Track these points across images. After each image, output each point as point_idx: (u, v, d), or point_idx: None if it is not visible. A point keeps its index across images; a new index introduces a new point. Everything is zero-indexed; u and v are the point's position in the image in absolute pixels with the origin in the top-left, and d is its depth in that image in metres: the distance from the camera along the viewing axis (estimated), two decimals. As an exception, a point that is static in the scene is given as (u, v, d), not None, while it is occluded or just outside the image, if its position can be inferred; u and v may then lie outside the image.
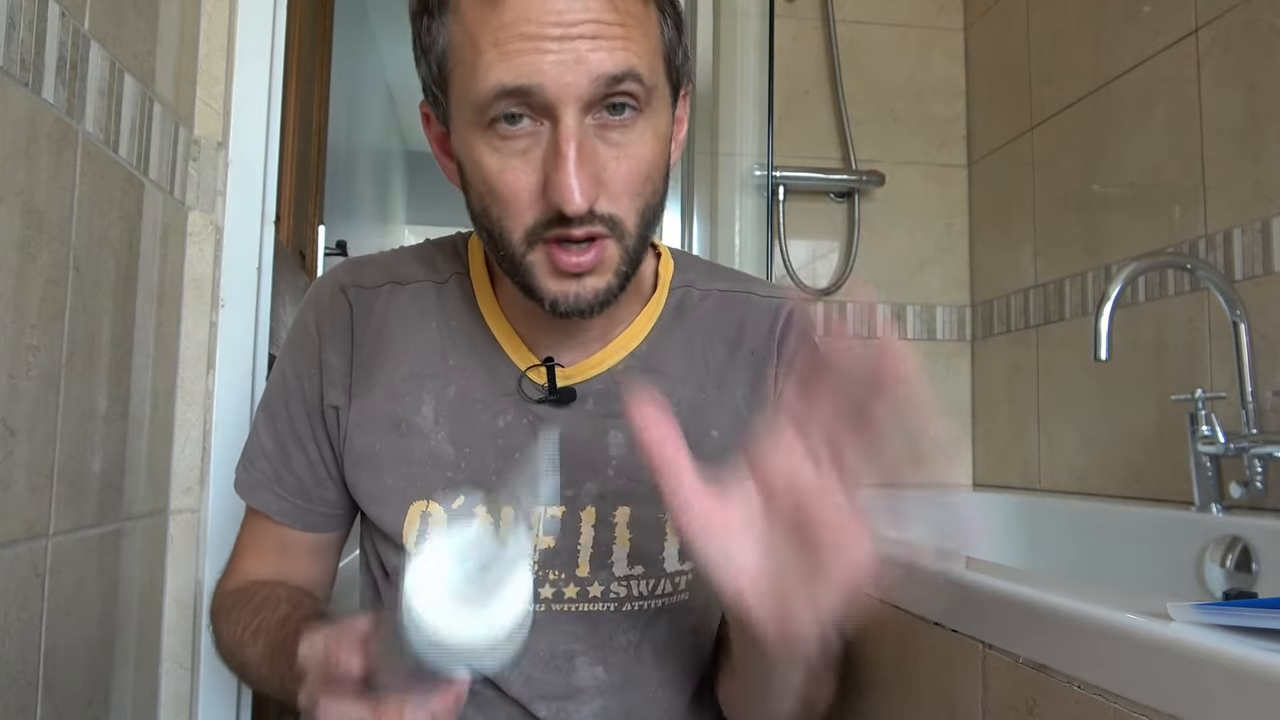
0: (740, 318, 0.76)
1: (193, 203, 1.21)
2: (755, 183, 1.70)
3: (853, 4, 1.96)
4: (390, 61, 4.19)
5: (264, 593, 0.75)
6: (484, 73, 0.58)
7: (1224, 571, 1.05)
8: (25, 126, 0.79)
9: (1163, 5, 1.42)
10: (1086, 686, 0.48)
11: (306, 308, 0.77)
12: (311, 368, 0.75)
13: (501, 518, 0.71)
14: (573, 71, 0.57)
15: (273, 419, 0.77)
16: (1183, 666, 0.42)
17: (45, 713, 0.86)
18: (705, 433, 0.73)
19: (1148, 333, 1.41)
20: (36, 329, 0.83)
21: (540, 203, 0.61)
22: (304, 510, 0.77)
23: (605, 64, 0.58)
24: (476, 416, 0.72)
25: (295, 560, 0.80)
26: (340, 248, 2.30)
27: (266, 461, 0.77)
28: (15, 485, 0.80)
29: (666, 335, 0.75)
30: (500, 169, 0.61)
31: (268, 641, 0.69)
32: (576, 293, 0.63)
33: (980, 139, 1.94)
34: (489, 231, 0.64)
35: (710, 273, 0.81)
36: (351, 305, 0.75)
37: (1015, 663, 0.54)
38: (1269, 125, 1.22)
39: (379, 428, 0.73)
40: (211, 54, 1.23)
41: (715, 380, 0.75)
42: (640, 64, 0.60)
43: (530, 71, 0.57)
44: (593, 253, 0.62)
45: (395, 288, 0.76)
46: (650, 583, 0.72)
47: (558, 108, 0.58)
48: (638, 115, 0.61)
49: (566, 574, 0.71)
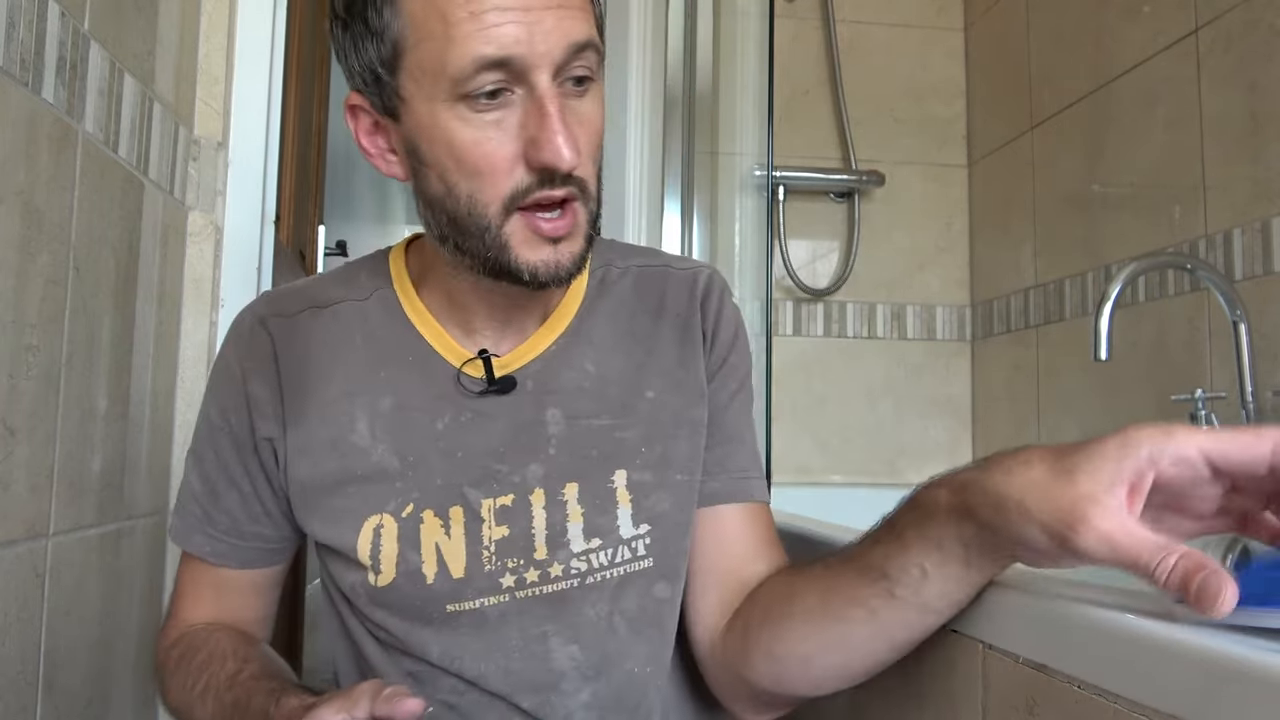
0: (660, 288, 0.79)
1: (193, 203, 1.21)
2: (755, 183, 1.70)
3: (853, 4, 1.96)
4: (390, 61, 4.18)
5: (208, 647, 0.74)
6: (460, 44, 0.59)
7: (1224, 571, 1.05)
8: (25, 126, 0.79)
9: (1163, 5, 1.42)
10: (1086, 686, 0.48)
11: (227, 346, 0.77)
12: (238, 403, 0.75)
13: (451, 519, 0.71)
14: (547, 40, 0.60)
15: (200, 461, 0.77)
16: (1184, 667, 0.42)
17: (45, 713, 0.86)
18: (640, 394, 0.75)
19: (1148, 333, 1.41)
20: (36, 329, 0.83)
21: (519, 169, 0.62)
22: (238, 548, 0.77)
23: (573, 32, 0.61)
24: (414, 423, 0.72)
25: (234, 599, 0.79)
26: (340, 248, 2.30)
27: (196, 504, 0.76)
28: (15, 485, 0.80)
29: (593, 311, 0.77)
30: (475, 140, 0.62)
31: (217, 702, 0.69)
32: (556, 260, 0.65)
33: (980, 139, 1.94)
34: (453, 212, 0.65)
35: (626, 252, 0.83)
36: (272, 336, 0.74)
37: (1015, 663, 0.54)
38: (1269, 125, 1.22)
39: (318, 452, 0.72)
40: (211, 54, 1.23)
41: (645, 347, 0.77)
42: (594, 33, 0.64)
43: (509, 42, 0.59)
44: (568, 216, 0.65)
45: (315, 311, 0.75)
46: (609, 552, 0.72)
47: (534, 74, 0.61)
48: (591, 83, 0.65)
49: (525, 559, 0.71)
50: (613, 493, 0.73)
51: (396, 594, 0.71)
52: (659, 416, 0.75)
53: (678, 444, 0.74)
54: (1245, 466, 0.47)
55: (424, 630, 0.72)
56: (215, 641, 0.75)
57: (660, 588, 0.75)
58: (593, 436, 0.73)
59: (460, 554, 0.71)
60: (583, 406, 0.74)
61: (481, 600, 0.71)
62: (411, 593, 0.71)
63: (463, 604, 0.71)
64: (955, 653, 0.61)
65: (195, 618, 0.79)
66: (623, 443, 0.73)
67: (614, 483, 0.73)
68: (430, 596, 0.71)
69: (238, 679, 0.70)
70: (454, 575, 0.71)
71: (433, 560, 0.71)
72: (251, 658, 0.73)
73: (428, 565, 0.71)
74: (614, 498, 0.73)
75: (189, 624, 0.78)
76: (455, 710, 0.73)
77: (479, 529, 0.71)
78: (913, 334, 1.95)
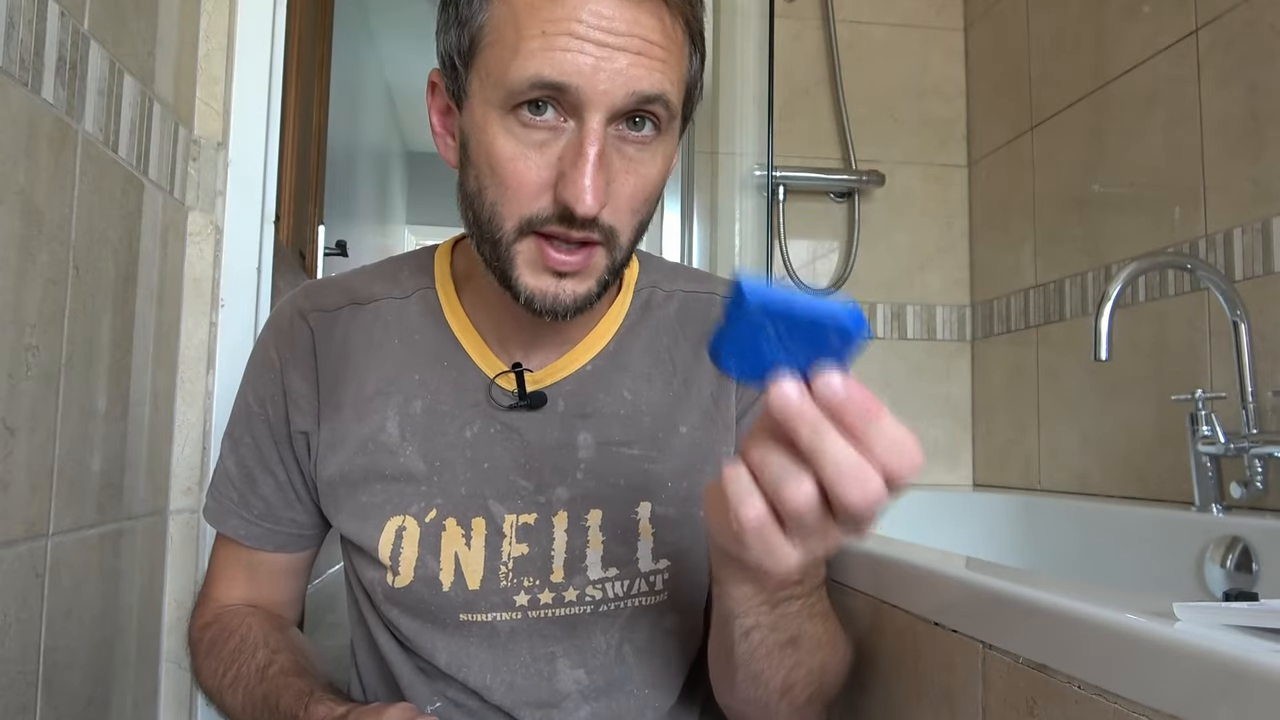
0: (705, 317, 0.77)
1: (193, 203, 1.21)
2: (755, 183, 1.70)
3: (853, 4, 1.96)
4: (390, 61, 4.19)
5: (239, 633, 0.75)
6: (524, 59, 0.58)
7: (1224, 571, 1.05)
8: (25, 126, 0.79)
9: (1163, 5, 1.42)
10: (1087, 686, 0.48)
11: (266, 334, 0.77)
12: (275, 394, 0.75)
13: (473, 529, 0.71)
14: (611, 81, 0.58)
15: (237, 445, 0.77)
16: (1184, 667, 0.42)
17: (45, 713, 0.86)
18: (675, 429, 0.73)
19: (1148, 333, 1.41)
20: (36, 329, 0.83)
21: (546, 197, 0.61)
22: (273, 533, 0.78)
23: (642, 81, 0.59)
24: (444, 429, 0.72)
25: (266, 582, 0.80)
26: (340, 248, 2.30)
27: (232, 488, 0.77)
28: (15, 485, 0.80)
29: (633, 335, 0.75)
30: (513, 155, 0.60)
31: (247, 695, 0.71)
32: (555, 294, 0.63)
33: (980, 139, 1.94)
34: (478, 213, 0.64)
35: (673, 273, 0.81)
36: (313, 330, 0.75)
37: (1015, 663, 0.54)
38: (1269, 125, 1.22)
39: (349, 448, 0.73)
40: (211, 54, 1.23)
41: (682, 378, 0.75)
42: (671, 89, 0.61)
43: (571, 70, 0.57)
44: (581, 256, 0.62)
45: (355, 308, 0.75)
46: (625, 584, 0.72)
47: (587, 110, 0.59)
48: (655, 136, 0.62)
49: (541, 580, 0.71)
50: (635, 524, 0.72)
51: (412, 596, 0.71)
52: (691, 453, 0.74)
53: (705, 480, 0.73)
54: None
55: (435, 635, 0.72)
56: (247, 627, 0.76)
57: (671, 619, 0.75)
58: (622, 465, 0.72)
59: (479, 566, 0.71)
60: (615, 434, 0.73)
61: (494, 615, 0.71)
62: (426, 597, 0.71)
63: (475, 615, 0.71)
64: (955, 653, 0.61)
65: (229, 598, 0.80)
66: (651, 475, 0.73)
67: (638, 514, 0.72)
68: (444, 603, 0.71)
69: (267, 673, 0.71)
70: (470, 586, 0.71)
71: (450, 568, 0.71)
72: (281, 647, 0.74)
73: (445, 572, 0.71)
74: (636, 530, 0.72)
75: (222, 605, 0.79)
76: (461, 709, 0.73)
77: (500, 543, 0.71)
78: (913, 334, 1.95)
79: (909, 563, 0.69)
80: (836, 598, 0.83)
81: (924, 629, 0.65)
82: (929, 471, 1.90)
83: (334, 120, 2.26)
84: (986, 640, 0.57)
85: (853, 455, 0.42)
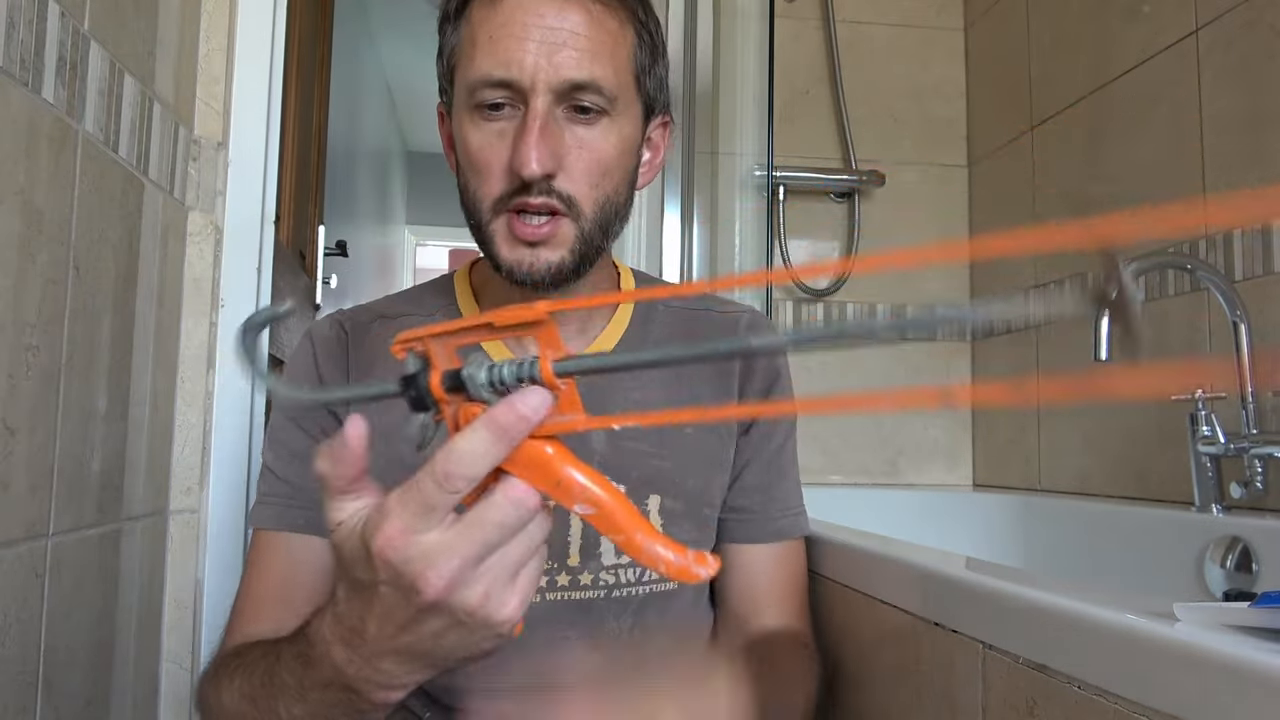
0: (702, 331, 0.84)
1: (193, 203, 1.21)
2: (755, 183, 1.70)
3: (853, 4, 1.96)
4: (390, 61, 4.19)
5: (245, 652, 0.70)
6: (478, 62, 0.69)
7: (1224, 572, 1.05)
8: (25, 126, 0.79)
9: (1163, 5, 1.42)
10: (1087, 687, 0.48)
11: (305, 340, 0.83)
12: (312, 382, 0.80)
13: None
14: (544, 69, 0.68)
15: (281, 445, 0.79)
16: (1184, 667, 0.42)
17: (45, 713, 0.86)
18: (679, 429, 0.79)
19: (1148, 333, 1.41)
20: (36, 329, 0.83)
21: (507, 174, 0.69)
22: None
23: (570, 69, 0.68)
24: None
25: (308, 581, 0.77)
26: (340, 248, 2.29)
27: (281, 484, 0.79)
28: (15, 485, 0.80)
29: (634, 345, 0.81)
30: (480, 145, 0.70)
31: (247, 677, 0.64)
32: (530, 262, 0.70)
33: (980, 139, 1.94)
34: (467, 205, 0.73)
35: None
36: (347, 334, 0.81)
37: (1015, 663, 0.54)
38: (1269, 125, 1.22)
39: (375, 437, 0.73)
40: (211, 54, 1.23)
41: (685, 386, 0.81)
42: (603, 76, 0.70)
43: (512, 63, 0.68)
44: (548, 226, 0.70)
45: (384, 321, 0.82)
46: (637, 570, 0.76)
47: (530, 94, 0.68)
48: (601, 117, 0.71)
49: (559, 563, 0.75)
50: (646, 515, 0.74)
51: None
52: (694, 454, 0.80)
53: (707, 481, 0.79)
54: None
55: None
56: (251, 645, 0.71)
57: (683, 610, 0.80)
58: (633, 460, 0.77)
59: None
60: (625, 430, 0.78)
61: None
62: None
63: None
64: (955, 653, 0.61)
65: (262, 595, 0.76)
66: (660, 470, 0.78)
67: (648, 506, 0.77)
68: None
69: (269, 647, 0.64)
70: None
71: None
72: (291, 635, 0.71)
73: None
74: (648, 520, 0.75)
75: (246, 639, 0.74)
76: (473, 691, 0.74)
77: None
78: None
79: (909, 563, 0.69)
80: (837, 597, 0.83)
81: (924, 629, 0.65)
82: (929, 471, 1.91)
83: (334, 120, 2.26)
84: (986, 640, 0.57)
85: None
